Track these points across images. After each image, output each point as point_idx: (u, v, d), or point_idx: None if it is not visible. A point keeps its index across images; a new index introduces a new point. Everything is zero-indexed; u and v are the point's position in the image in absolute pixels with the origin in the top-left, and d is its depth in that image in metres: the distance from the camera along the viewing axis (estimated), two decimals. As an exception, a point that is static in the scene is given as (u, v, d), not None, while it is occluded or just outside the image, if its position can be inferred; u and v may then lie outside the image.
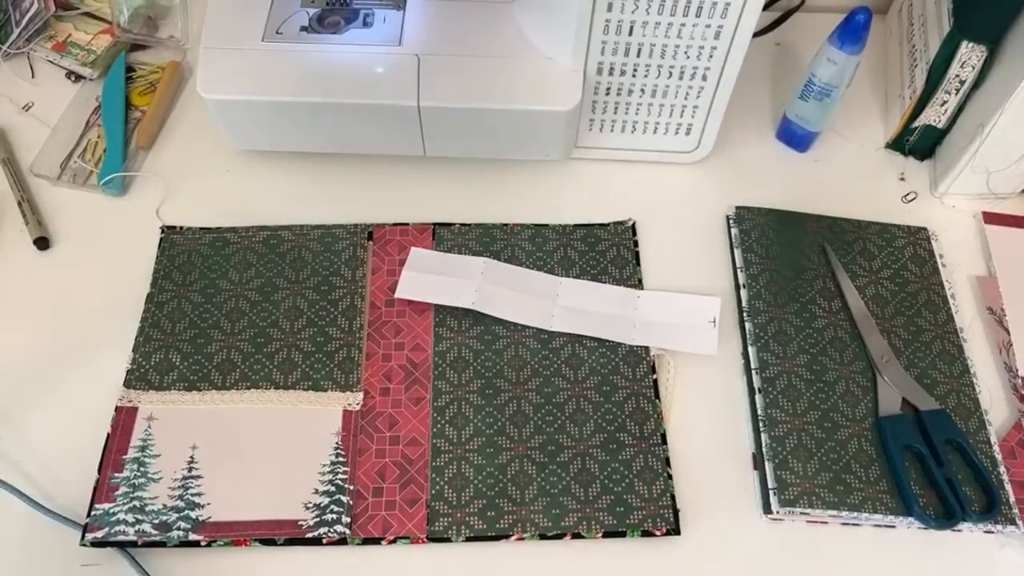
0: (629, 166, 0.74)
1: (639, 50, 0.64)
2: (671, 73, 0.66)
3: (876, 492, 0.57)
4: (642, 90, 0.67)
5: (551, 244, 0.69)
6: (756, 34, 0.63)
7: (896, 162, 0.76)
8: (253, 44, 0.66)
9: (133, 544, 0.55)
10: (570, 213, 0.71)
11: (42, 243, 0.68)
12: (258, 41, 0.66)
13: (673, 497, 0.58)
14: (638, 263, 0.68)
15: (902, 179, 0.75)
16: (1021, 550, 0.57)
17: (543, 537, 0.56)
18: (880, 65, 0.82)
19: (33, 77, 0.79)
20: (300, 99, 0.65)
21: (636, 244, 0.69)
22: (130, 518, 0.55)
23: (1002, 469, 0.59)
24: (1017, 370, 0.63)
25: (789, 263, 0.67)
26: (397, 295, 0.65)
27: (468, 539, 0.56)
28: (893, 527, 0.57)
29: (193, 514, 0.56)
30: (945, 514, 0.56)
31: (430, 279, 0.66)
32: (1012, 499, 0.57)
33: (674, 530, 0.56)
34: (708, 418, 0.62)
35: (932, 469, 0.57)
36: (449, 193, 0.72)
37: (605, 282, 0.67)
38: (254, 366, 0.62)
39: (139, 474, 0.57)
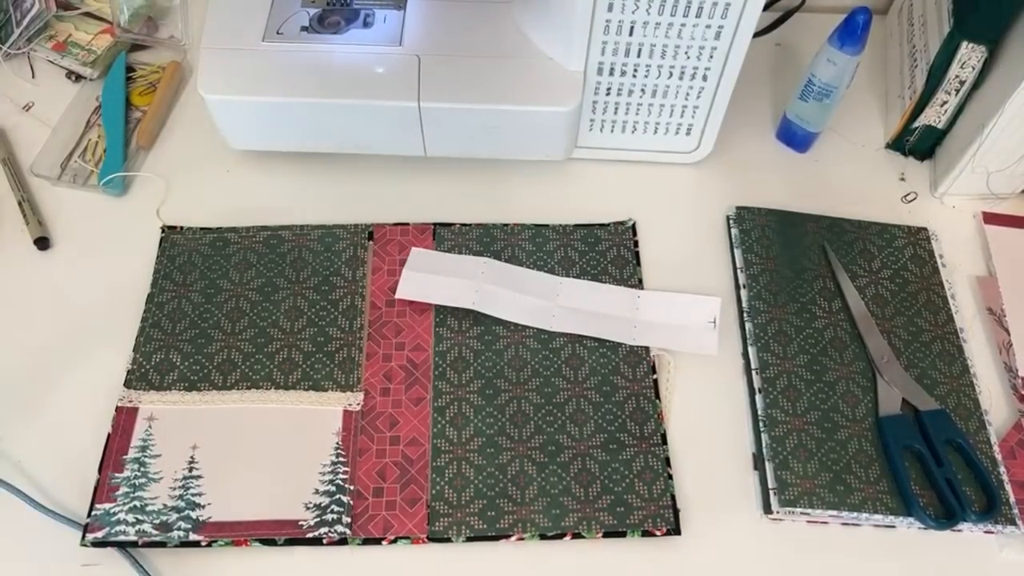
0: (629, 166, 0.74)
1: (639, 50, 0.64)
2: (671, 73, 0.66)
3: (876, 492, 0.57)
4: (642, 90, 0.67)
5: (551, 244, 0.69)
6: (756, 34, 0.63)
7: (896, 162, 0.76)
8: (253, 44, 0.66)
9: (133, 544, 0.55)
10: (570, 213, 0.71)
11: (42, 243, 0.68)
12: (258, 41, 0.66)
13: (673, 497, 0.58)
14: (638, 263, 0.68)
15: (902, 179, 0.75)
16: (1021, 550, 0.57)
17: (543, 537, 0.56)
18: (880, 65, 0.82)
19: (33, 77, 0.79)
20: (300, 99, 0.65)
21: (636, 244, 0.69)
22: (130, 518, 0.55)
23: (1002, 469, 0.59)
24: (1017, 370, 0.63)
25: (789, 263, 0.67)
26: (397, 295, 0.65)
27: (468, 539, 0.56)
28: (893, 527, 0.57)
29: (193, 514, 0.56)
30: (945, 514, 0.56)
31: (430, 279, 0.66)
32: (1012, 499, 0.57)
33: (674, 530, 0.56)
34: (708, 418, 0.62)
35: (932, 469, 0.57)
36: (449, 193, 0.72)
37: (605, 282, 0.67)
38: (254, 366, 0.62)
39: (139, 474, 0.57)
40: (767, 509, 0.57)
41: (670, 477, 0.58)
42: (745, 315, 0.65)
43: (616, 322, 0.65)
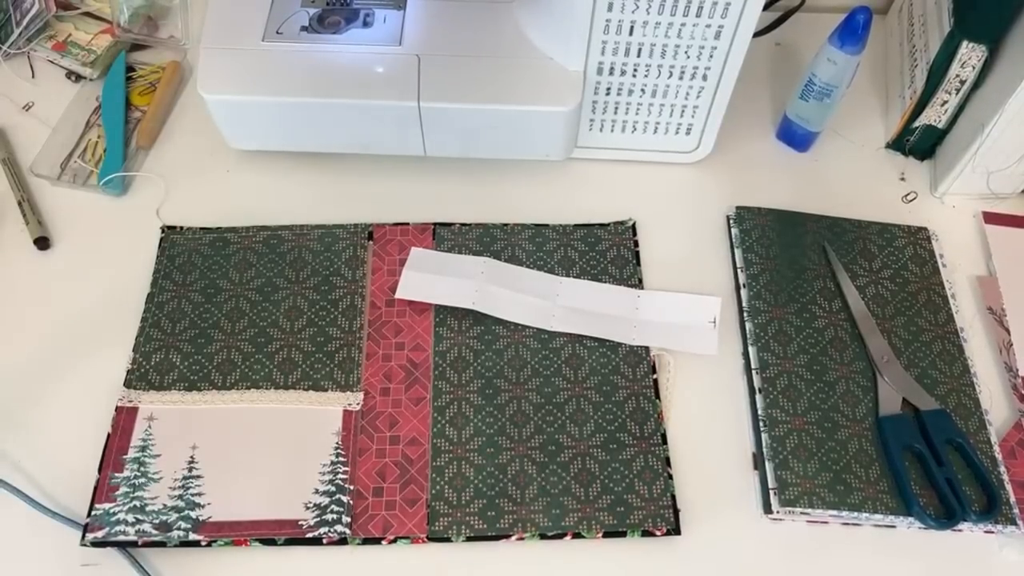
0: (629, 166, 0.74)
1: (639, 50, 0.64)
2: (671, 73, 0.66)
3: (876, 492, 0.57)
4: (642, 90, 0.67)
5: (551, 244, 0.69)
6: (756, 34, 0.63)
7: (896, 162, 0.76)
8: (253, 44, 0.66)
9: (133, 544, 0.55)
10: (570, 213, 0.71)
11: (42, 243, 0.68)
12: (258, 41, 0.66)
13: (673, 497, 0.58)
14: (638, 263, 0.68)
15: (902, 179, 0.75)
16: (1021, 550, 0.57)
17: (543, 537, 0.56)
18: (880, 65, 0.82)
19: (33, 77, 0.79)
20: (300, 99, 0.65)
21: (636, 244, 0.69)
22: (130, 518, 0.55)
23: (1002, 469, 0.59)
24: (1017, 370, 0.63)
25: (789, 263, 0.67)
26: (397, 295, 0.65)
27: (468, 539, 0.56)
28: (893, 527, 0.57)
29: (193, 514, 0.56)
30: (945, 514, 0.56)
31: (430, 279, 0.66)
32: (1012, 499, 0.57)
33: (674, 530, 0.56)
34: (708, 418, 0.62)
35: (932, 469, 0.57)
36: (449, 193, 0.72)
37: (605, 282, 0.67)
38: (254, 366, 0.62)
39: (139, 474, 0.57)
40: (767, 509, 0.57)
41: (670, 477, 0.58)
42: (745, 315, 0.65)
43: (616, 322, 0.65)
